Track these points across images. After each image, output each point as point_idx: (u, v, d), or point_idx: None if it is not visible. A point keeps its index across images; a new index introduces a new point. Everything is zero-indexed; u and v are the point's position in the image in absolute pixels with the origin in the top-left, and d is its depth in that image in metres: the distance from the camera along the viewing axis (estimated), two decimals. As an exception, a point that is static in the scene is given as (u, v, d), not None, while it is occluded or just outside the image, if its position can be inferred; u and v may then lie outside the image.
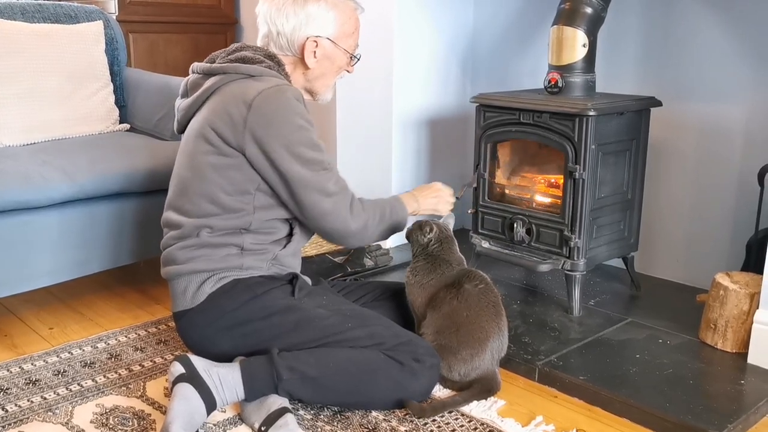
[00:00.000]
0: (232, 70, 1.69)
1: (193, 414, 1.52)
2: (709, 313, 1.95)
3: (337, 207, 1.70)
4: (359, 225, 1.74)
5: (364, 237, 1.78)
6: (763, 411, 1.68)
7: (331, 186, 1.69)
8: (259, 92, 1.63)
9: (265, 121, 1.62)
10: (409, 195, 1.95)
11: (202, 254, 1.69)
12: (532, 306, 2.23)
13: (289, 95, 1.66)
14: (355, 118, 2.87)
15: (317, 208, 1.68)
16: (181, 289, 1.71)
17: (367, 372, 1.62)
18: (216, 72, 1.71)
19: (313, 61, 1.78)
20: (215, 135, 1.65)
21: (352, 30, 1.81)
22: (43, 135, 2.40)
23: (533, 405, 1.75)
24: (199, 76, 1.75)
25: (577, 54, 2.10)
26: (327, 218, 1.70)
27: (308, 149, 1.66)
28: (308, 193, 1.67)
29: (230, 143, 1.64)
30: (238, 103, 1.63)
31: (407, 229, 1.94)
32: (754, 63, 2.16)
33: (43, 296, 2.37)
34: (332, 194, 1.69)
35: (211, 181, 1.67)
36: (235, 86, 1.67)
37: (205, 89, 1.71)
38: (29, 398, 1.73)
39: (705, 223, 2.33)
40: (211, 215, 1.68)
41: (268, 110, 1.63)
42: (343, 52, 1.81)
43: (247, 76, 1.68)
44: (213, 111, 1.67)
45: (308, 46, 1.76)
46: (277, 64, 1.75)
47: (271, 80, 1.68)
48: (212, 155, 1.66)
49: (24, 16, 2.52)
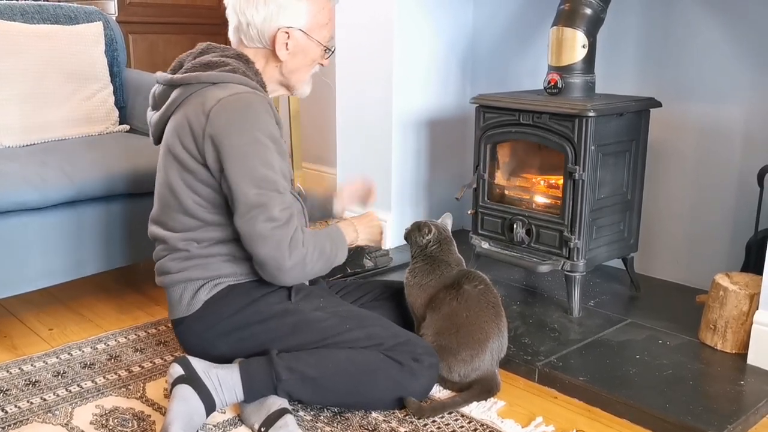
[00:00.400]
0: (194, 80, 1.62)
1: (192, 415, 1.52)
2: (709, 313, 1.95)
3: (275, 234, 1.57)
4: (296, 261, 1.60)
5: (300, 275, 1.64)
6: (762, 412, 1.68)
7: (276, 211, 1.57)
8: (217, 101, 1.57)
9: (221, 130, 1.56)
10: (349, 224, 1.84)
11: (194, 264, 1.68)
12: (531, 307, 2.23)
13: (251, 104, 1.59)
14: (355, 118, 2.87)
15: (254, 229, 1.57)
16: (176, 298, 1.71)
17: (367, 372, 1.62)
18: (178, 83, 1.65)
19: (285, 53, 1.71)
20: (181, 149, 1.61)
21: (325, 21, 1.74)
22: (43, 136, 2.40)
23: (533, 406, 1.75)
24: (165, 87, 1.69)
25: (576, 55, 2.10)
26: (261, 243, 1.58)
27: (260, 165, 1.57)
28: (248, 210, 1.56)
29: (195, 157, 1.60)
30: (198, 115, 1.59)
31: (405, 230, 1.94)
32: (753, 64, 2.16)
33: (43, 297, 2.37)
34: (274, 219, 1.57)
35: (185, 197, 1.64)
36: (198, 97, 1.61)
37: (170, 102, 1.66)
38: (29, 399, 1.73)
39: (705, 223, 2.33)
40: (194, 229, 1.67)
41: (225, 120, 1.56)
42: (317, 44, 1.73)
43: (210, 84, 1.62)
44: (178, 125, 1.63)
45: (279, 37, 1.68)
46: (245, 63, 1.68)
47: (233, 87, 1.61)
48: (182, 172, 1.63)
49: (24, 17, 2.52)
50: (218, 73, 1.63)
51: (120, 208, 2.19)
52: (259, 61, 1.73)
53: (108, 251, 2.19)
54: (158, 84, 1.72)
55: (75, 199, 2.08)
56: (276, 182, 1.59)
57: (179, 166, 1.63)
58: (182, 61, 1.72)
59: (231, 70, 1.64)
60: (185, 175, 1.63)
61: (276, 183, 1.59)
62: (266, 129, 1.60)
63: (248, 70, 1.68)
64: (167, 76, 1.68)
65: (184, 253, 1.68)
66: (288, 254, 1.59)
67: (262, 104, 1.61)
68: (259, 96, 1.63)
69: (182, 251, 1.68)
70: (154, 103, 1.75)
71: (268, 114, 1.62)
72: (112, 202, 2.18)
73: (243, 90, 1.62)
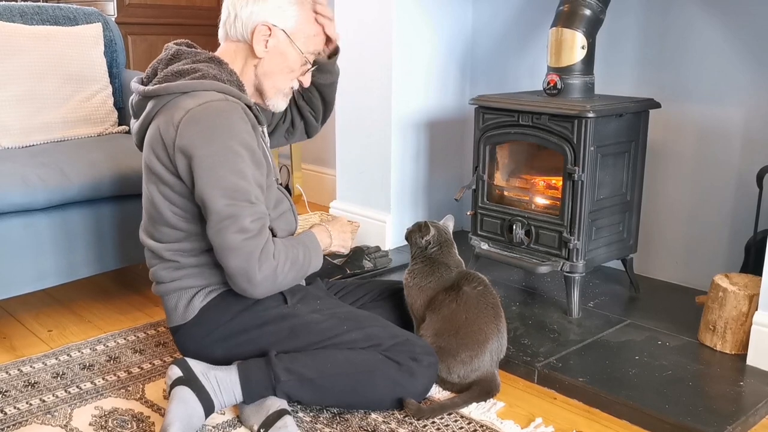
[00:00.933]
0: (163, 91, 1.59)
1: (191, 417, 1.52)
2: (708, 314, 1.95)
3: (246, 246, 1.53)
4: (266, 273, 1.56)
5: (271, 287, 1.60)
6: (762, 412, 1.68)
7: (247, 221, 1.53)
8: (186, 111, 1.54)
9: (190, 141, 1.53)
10: (323, 229, 1.80)
11: (186, 273, 1.68)
12: (531, 308, 2.23)
13: (221, 112, 1.55)
14: (354, 120, 2.87)
15: (224, 241, 1.53)
16: (172, 305, 1.70)
17: (365, 372, 1.62)
18: (151, 95, 1.61)
19: (263, 50, 1.66)
20: (156, 162, 1.59)
21: (313, 33, 1.71)
22: (42, 137, 2.40)
23: (532, 407, 1.75)
24: (140, 98, 1.65)
25: (575, 56, 2.11)
26: (231, 254, 1.54)
27: (230, 174, 1.53)
28: (219, 221, 1.53)
29: (169, 169, 1.58)
30: (168, 127, 1.56)
31: (407, 230, 1.94)
32: (752, 65, 2.16)
33: (42, 299, 2.37)
34: (244, 230, 1.53)
35: (165, 209, 1.62)
36: (169, 108, 1.58)
37: (146, 114, 1.63)
38: (28, 401, 1.73)
39: (704, 224, 2.33)
40: (180, 240, 1.66)
41: (193, 131, 1.53)
42: (297, 52, 1.69)
43: (180, 94, 1.58)
44: (152, 138, 1.60)
45: (260, 30, 1.64)
46: (217, 65, 1.64)
47: (203, 95, 1.56)
48: (159, 185, 1.61)
49: (23, 18, 2.52)
50: (187, 81, 1.58)
51: (119, 209, 2.19)
52: (239, 59, 1.69)
53: (107, 253, 2.19)
54: (134, 93, 1.69)
55: (75, 200, 2.08)
56: (247, 192, 1.54)
57: (156, 179, 1.61)
58: (155, 69, 1.68)
59: (201, 76, 1.59)
60: (162, 187, 1.61)
61: (247, 193, 1.54)
62: (238, 136, 1.55)
63: (222, 72, 1.63)
64: (141, 88, 1.65)
65: (174, 263, 1.67)
66: (258, 267, 1.54)
67: (235, 111, 1.57)
68: (231, 103, 1.58)
69: (172, 261, 1.67)
70: (133, 112, 1.72)
71: (242, 120, 1.58)
72: (112, 203, 2.18)
73: (213, 97, 1.57)
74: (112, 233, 2.19)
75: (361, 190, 2.91)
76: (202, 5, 3.88)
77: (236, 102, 1.61)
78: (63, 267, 2.11)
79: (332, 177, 3.47)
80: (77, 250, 2.13)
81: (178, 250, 1.66)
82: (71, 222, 2.10)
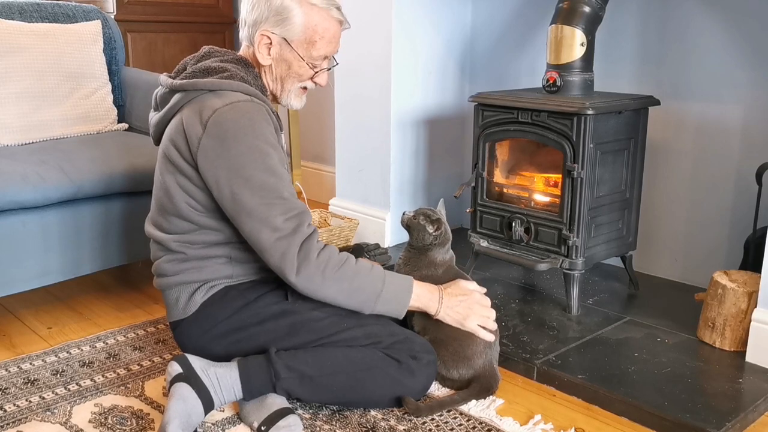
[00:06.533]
0: (191, 87, 1.61)
1: (191, 414, 1.52)
2: (708, 311, 1.95)
3: (278, 246, 1.53)
4: (306, 275, 1.55)
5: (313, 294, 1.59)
6: (761, 409, 1.68)
7: (279, 219, 1.53)
8: (214, 111, 1.56)
9: (216, 141, 1.55)
10: (434, 289, 1.71)
11: (190, 266, 1.68)
12: (530, 305, 2.23)
13: (246, 113, 1.56)
14: (353, 117, 2.87)
15: (257, 241, 1.55)
16: (173, 300, 1.71)
17: (365, 370, 1.62)
18: (178, 89, 1.64)
19: (267, 58, 1.67)
20: (177, 154, 1.61)
21: (316, 38, 1.67)
22: (41, 134, 2.39)
23: (532, 404, 1.75)
24: (167, 91, 1.68)
25: (575, 53, 2.10)
26: (266, 254, 1.55)
27: (260, 172, 1.54)
28: (249, 221, 1.54)
29: (190, 162, 1.60)
30: (195, 123, 1.57)
31: (413, 212, 1.86)
32: (752, 62, 2.16)
33: (41, 296, 2.37)
34: (277, 229, 1.53)
35: (179, 200, 1.63)
36: (196, 104, 1.60)
37: (171, 106, 1.65)
38: (27, 398, 1.73)
39: (703, 221, 2.34)
40: (189, 232, 1.66)
41: (221, 130, 1.55)
42: (298, 59, 1.68)
43: (207, 91, 1.61)
44: (176, 129, 1.62)
45: (260, 40, 1.65)
46: (245, 67, 1.67)
47: (230, 95, 1.59)
48: (177, 175, 1.62)
49: (22, 16, 2.51)
50: (215, 80, 1.61)
51: (118, 206, 2.19)
52: (254, 62, 1.72)
53: (106, 250, 2.19)
54: (161, 86, 1.72)
55: (74, 197, 2.08)
56: (278, 188, 1.55)
57: (175, 169, 1.63)
58: (186, 65, 1.71)
59: (229, 76, 1.62)
60: (180, 178, 1.62)
61: (278, 189, 1.55)
62: (263, 136, 1.57)
63: (248, 74, 1.67)
64: (169, 81, 1.68)
65: (180, 255, 1.68)
66: (293, 267, 1.54)
67: (259, 112, 1.59)
68: (256, 104, 1.61)
69: (178, 253, 1.68)
70: (155, 105, 1.75)
71: (266, 122, 1.60)
72: (111, 201, 2.18)
73: (239, 98, 1.59)
74: (113, 230, 2.19)
75: (360, 187, 2.91)
76: (202, 2, 3.88)
77: (261, 104, 1.63)
78: (66, 264, 2.11)
79: (332, 174, 3.47)
80: (79, 246, 2.13)
81: (187, 241, 1.67)
82: (71, 219, 2.10)
